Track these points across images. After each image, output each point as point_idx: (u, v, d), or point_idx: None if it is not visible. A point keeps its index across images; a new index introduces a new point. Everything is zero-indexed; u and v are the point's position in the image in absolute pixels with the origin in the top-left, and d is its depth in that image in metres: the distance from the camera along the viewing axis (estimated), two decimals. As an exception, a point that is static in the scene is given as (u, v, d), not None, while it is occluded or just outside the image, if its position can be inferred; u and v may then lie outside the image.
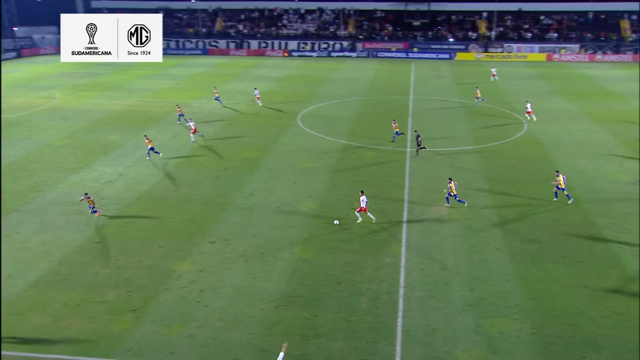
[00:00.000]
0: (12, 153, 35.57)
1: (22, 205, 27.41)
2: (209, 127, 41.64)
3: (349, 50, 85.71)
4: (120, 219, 25.90)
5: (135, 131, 40.37)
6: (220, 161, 34.07)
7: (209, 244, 23.44)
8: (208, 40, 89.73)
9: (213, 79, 63.95)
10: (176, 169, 32.80)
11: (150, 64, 76.37)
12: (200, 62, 79.64)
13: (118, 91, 56.85)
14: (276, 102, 51.08)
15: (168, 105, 49.46)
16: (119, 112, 47.38)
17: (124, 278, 20.75)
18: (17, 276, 20.90)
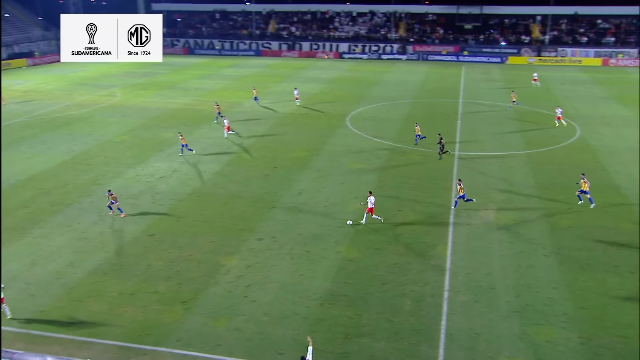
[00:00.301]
0: (76, 147, 36.99)
1: (83, 198, 28.48)
2: (259, 127, 42.15)
3: (400, 53, 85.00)
4: (173, 213, 26.55)
5: (189, 129, 41.29)
6: (269, 160, 34.43)
7: (256, 240, 23.74)
8: (261, 42, 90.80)
9: (265, 79, 64.69)
10: (227, 166, 33.35)
11: (205, 65, 78.10)
12: (253, 63, 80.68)
13: (174, 90, 58.26)
14: (326, 103, 51.20)
15: (221, 105, 50.29)
16: (174, 110, 48.55)
17: (175, 270, 21.26)
18: (77, 264, 21.74)
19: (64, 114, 46.76)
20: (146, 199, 28.26)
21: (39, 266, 21.60)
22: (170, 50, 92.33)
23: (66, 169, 32.89)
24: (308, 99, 53.29)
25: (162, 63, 79.49)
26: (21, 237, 24.11)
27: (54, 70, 73.10)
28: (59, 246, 23.24)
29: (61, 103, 51.52)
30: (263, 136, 39.77)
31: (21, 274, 20.97)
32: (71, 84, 62.36)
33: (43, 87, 60.88)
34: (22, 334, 17.42)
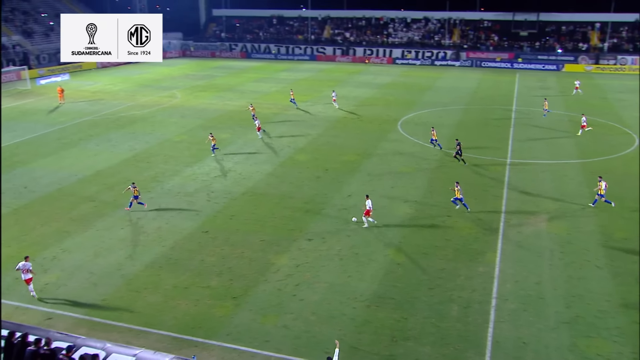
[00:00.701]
0: (138, 146, 38.25)
1: (143, 194, 29.35)
2: (312, 130, 42.38)
3: (453, 60, 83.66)
4: (227, 212, 27.04)
5: (245, 130, 41.96)
6: (321, 162, 34.57)
7: (306, 240, 23.86)
8: (316, 47, 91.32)
9: (318, 83, 65.00)
10: (280, 167, 33.69)
11: (261, 68, 79.21)
12: (308, 67, 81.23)
13: (231, 92, 59.36)
14: (378, 107, 50.98)
15: (275, 107, 50.95)
16: (230, 112, 49.46)
17: (227, 267, 21.64)
18: (135, 257, 22.46)
19: (128, 114, 48.45)
20: (201, 197, 28.89)
21: (101, 257, 22.44)
22: (228, 54, 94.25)
23: (128, 166, 34.05)
24: (360, 103, 53.22)
25: (220, 66, 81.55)
26: (86, 229, 25.13)
27: (120, 72, 75.83)
28: (120, 239, 24.09)
29: (126, 103, 53.41)
30: (315, 139, 39.97)
31: (85, 264, 21.85)
32: (135, 86, 64.54)
33: (110, 88, 63.29)
34: (84, 320, 18.14)
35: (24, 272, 19.64)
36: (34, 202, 28.33)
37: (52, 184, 30.77)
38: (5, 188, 30.18)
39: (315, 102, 53.64)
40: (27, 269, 19.60)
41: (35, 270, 21.04)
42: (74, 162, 34.69)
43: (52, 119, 46.78)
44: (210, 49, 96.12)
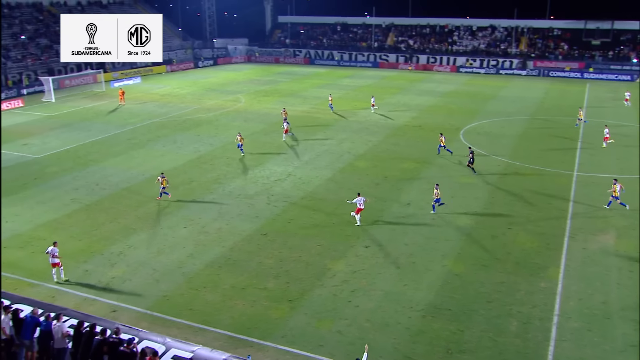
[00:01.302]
0: (202, 148, 39.36)
1: (205, 195, 30.22)
2: (372, 137, 42.23)
3: (519, 69, 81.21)
4: (285, 216, 27.34)
5: (306, 135, 42.34)
6: (380, 169, 34.38)
7: (363, 247, 23.78)
8: (379, 54, 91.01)
9: (381, 90, 64.74)
10: (339, 173, 33.76)
11: (324, 75, 79.78)
12: (370, 74, 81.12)
13: (293, 98, 60.09)
14: (440, 116, 50.19)
15: (337, 113, 51.11)
16: (292, 117, 49.90)
17: (284, 270, 21.87)
18: (196, 256, 23.09)
19: (194, 117, 49.98)
20: (261, 200, 29.36)
21: (164, 255, 23.22)
22: (292, 60, 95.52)
23: (192, 167, 35.09)
24: (422, 111, 52.61)
25: (284, 72, 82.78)
26: (151, 226, 26.08)
27: (188, 77, 78.39)
28: (182, 238, 24.83)
29: (192, 106, 55.13)
30: (376, 146, 39.81)
31: (149, 261, 22.66)
32: (202, 89, 66.52)
33: (178, 91, 65.52)
34: (146, 314, 18.80)
35: (52, 257, 20.85)
36: (104, 199, 29.68)
37: (121, 182, 32.15)
38: (79, 185, 31.80)
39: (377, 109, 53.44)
40: (54, 254, 20.83)
41: (103, 264, 22.08)
42: (141, 162, 36.11)
43: (123, 120, 48.92)
44: (274, 54, 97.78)
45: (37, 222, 26.59)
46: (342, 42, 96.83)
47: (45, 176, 33.50)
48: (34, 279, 21.07)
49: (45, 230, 25.64)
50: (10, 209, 28.09)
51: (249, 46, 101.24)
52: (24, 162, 36.47)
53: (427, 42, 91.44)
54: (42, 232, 25.42)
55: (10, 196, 29.97)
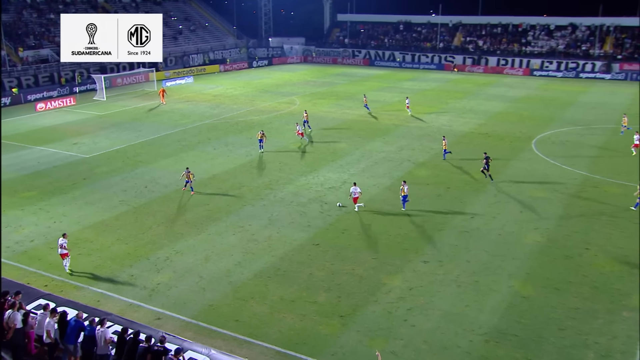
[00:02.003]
0: (254, 152, 40.01)
1: (256, 201, 30.68)
2: (434, 144, 41.71)
3: (603, 72, 78.22)
4: (339, 225, 27.37)
5: (363, 141, 42.32)
6: (443, 179, 33.89)
7: (421, 262, 23.48)
8: (444, 55, 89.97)
9: (445, 95, 63.96)
10: (398, 182, 33.42)
11: (384, 77, 79.58)
12: (434, 77, 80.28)
13: (351, 101, 60.22)
14: (510, 123, 49.02)
15: (397, 118, 50.87)
16: (349, 121, 50.16)
17: (336, 283, 21.87)
18: (244, 265, 23.45)
19: (246, 119, 50.91)
20: (314, 208, 29.52)
21: (211, 262, 23.70)
22: (350, 61, 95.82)
23: (243, 171, 35.72)
24: (490, 118, 51.56)
25: (342, 73, 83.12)
26: (199, 232, 26.70)
27: (241, 77, 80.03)
28: (231, 245, 25.29)
29: (244, 108, 56.20)
30: (438, 154, 39.30)
31: (196, 267, 23.20)
32: (255, 90, 67.72)
33: (231, 92, 66.99)
34: (191, 324, 19.22)
35: (60, 248, 22.54)
36: (152, 201, 30.65)
37: (170, 185, 33.11)
38: (127, 186, 32.99)
39: (439, 114, 52.82)
40: (62, 245, 22.50)
41: (149, 269, 22.79)
42: (191, 164, 36.97)
43: (174, 120, 50.44)
44: (332, 55, 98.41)
45: (85, 223, 27.76)
46: (404, 43, 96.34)
47: (94, 176, 34.96)
48: (80, 282, 21.97)
49: (92, 232, 26.73)
50: (58, 209, 29.47)
51: (306, 46, 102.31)
52: (73, 161, 38.19)
53: (498, 43, 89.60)
54: (89, 233, 26.50)
55: (59, 196, 31.43)
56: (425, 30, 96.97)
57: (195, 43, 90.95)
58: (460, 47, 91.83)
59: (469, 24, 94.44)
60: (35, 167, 36.74)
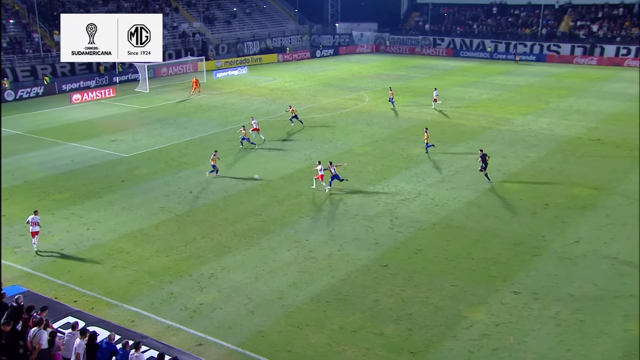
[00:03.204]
0: (314, 155, 40.29)
1: (315, 212, 30.88)
2: (531, 151, 40.77)
3: None
4: (412, 244, 27.15)
5: (443, 146, 41.89)
6: (539, 194, 33.05)
7: (511, 293, 22.94)
8: (547, 44, 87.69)
9: (545, 92, 62.41)
10: (484, 196, 32.94)
11: (472, 70, 78.61)
12: (533, 70, 78.53)
13: (430, 98, 59.60)
14: (628, 127, 47.26)
15: (485, 120, 50.08)
16: (428, 122, 49.67)
17: (406, 312, 21.67)
18: (300, 286, 23.62)
19: (307, 117, 51.37)
20: (383, 223, 29.43)
21: (262, 281, 24.01)
22: (431, 51, 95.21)
23: (301, 178, 36.05)
24: (603, 120, 49.95)
25: (420, 65, 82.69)
26: (249, 246, 27.13)
27: (303, 68, 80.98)
28: (285, 263, 25.54)
29: (305, 104, 56.78)
30: (535, 163, 38.38)
31: (244, 287, 23.55)
32: (318, 84, 68.33)
33: (290, 85, 67.89)
34: (237, 352, 19.50)
35: (32, 225, 26.03)
36: (197, 209, 31.40)
37: (217, 191, 33.84)
38: (170, 191, 33.96)
39: (538, 115, 51.59)
40: (35, 222, 26.05)
41: (191, 287, 23.32)
42: (243, 169, 37.76)
43: (224, 117, 51.59)
44: (409, 43, 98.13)
45: (121, 231, 28.74)
46: (497, 29, 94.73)
47: (133, 179, 36.19)
48: (114, 299, 22.71)
49: (129, 241, 27.64)
50: (92, 215, 30.66)
51: (379, 32, 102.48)
52: (111, 161, 39.70)
53: (618, 28, 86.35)
54: (126, 243, 27.42)
55: (94, 200, 32.72)
56: (525, 13, 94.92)
57: (251, 28, 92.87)
58: (568, 33, 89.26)
59: (580, 4, 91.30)
60: (68, 166, 38.43)
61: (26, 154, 41.34)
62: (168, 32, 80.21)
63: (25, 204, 31.51)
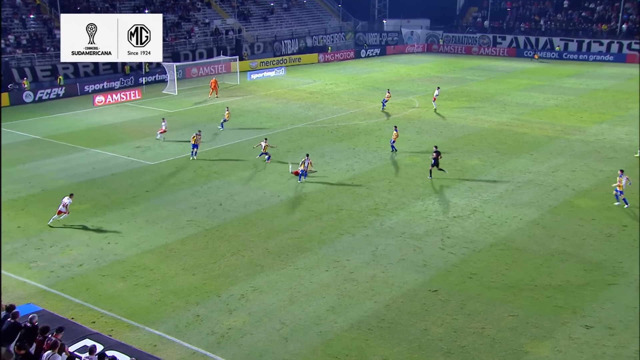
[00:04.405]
0: (357, 166, 40.33)
1: (357, 229, 30.83)
2: (606, 165, 40.06)
3: None
4: (465, 268, 26.87)
5: (502, 157, 41.50)
6: (615, 214, 32.44)
7: (582, 327, 22.49)
8: (628, 42, 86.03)
9: (624, 97, 61.30)
10: (550, 214, 32.46)
11: (537, 72, 77.87)
12: (610, 72, 77.33)
13: (488, 103, 59.29)
14: None
15: (553, 129, 49.45)
16: (485, 130, 49.32)
17: (459, 345, 21.42)
18: (339, 311, 23.56)
19: (349, 124, 51.47)
20: (433, 243, 29.22)
21: (297, 305, 24.03)
22: (491, 51, 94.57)
23: (342, 190, 36.06)
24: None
25: (479, 68, 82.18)
26: (283, 265, 27.21)
27: (346, 69, 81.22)
28: (323, 284, 25.53)
29: (348, 110, 56.90)
30: (610, 178, 37.65)
31: (277, 310, 23.61)
32: (362, 87, 68.42)
33: (331, 88, 68.13)
34: (267, 383, 19.55)
35: (63, 206, 30.16)
36: (227, 223, 31.65)
37: (250, 204, 34.07)
38: (198, 203, 34.31)
39: (615, 124, 50.70)
40: (65, 204, 30.40)
41: (219, 309, 23.47)
42: (278, 179, 37.94)
43: (259, 123, 52.03)
44: (465, 42, 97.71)
45: (145, 246, 29.12)
46: (568, 25, 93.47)
47: (159, 189, 36.70)
48: (135, 320, 22.96)
49: (153, 257, 27.98)
50: (114, 227, 31.16)
51: (431, 30, 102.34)
52: (135, 169, 40.34)
53: None
54: (149, 259, 27.77)
55: (116, 211, 33.25)
56: (601, 7, 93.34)
57: (290, 25, 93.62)
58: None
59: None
60: (89, 175, 39.16)
61: (45, 160, 42.29)
62: (199, 29, 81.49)
63: (42, 214, 32.17)
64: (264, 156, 40.63)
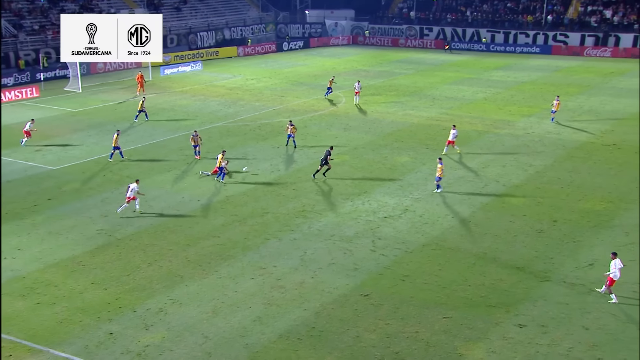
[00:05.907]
0: (282, 166, 40.29)
1: (284, 233, 30.78)
2: (536, 159, 41.18)
3: None
4: (398, 270, 27.17)
5: (432, 153, 42.15)
6: (546, 209, 33.39)
7: (515, 326, 23.06)
8: (552, 34, 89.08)
9: (551, 90, 63.18)
10: (481, 211, 33.16)
11: (465, 65, 79.51)
12: (536, 64, 79.61)
13: (417, 98, 60.17)
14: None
15: (482, 123, 50.54)
16: (414, 125, 50.02)
17: (392, 351, 21.64)
18: (266, 321, 23.47)
19: (273, 121, 51.38)
20: (364, 245, 29.44)
21: (221, 316, 23.81)
22: (418, 43, 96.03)
23: (267, 192, 35.95)
24: (620, 122, 50.89)
25: (405, 60, 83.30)
26: (205, 274, 26.91)
27: (268, 63, 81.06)
28: (248, 293, 25.37)
29: (271, 107, 56.81)
30: (540, 173, 38.78)
31: (199, 324, 23.32)
32: (286, 82, 68.43)
33: (252, 84, 67.86)
34: (190, 401, 19.31)
35: (129, 192, 32.12)
36: (142, 232, 31.08)
37: (167, 209, 33.57)
38: (109, 210, 33.53)
39: (543, 117, 52.19)
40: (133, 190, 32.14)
41: (134, 325, 23.03)
42: (196, 182, 37.50)
43: (174, 122, 51.29)
44: (392, 34, 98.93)
45: (48, 260, 28.23)
46: (495, 16, 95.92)
47: (63, 196, 35.71)
48: (37, 343, 22.18)
49: (58, 272, 27.16)
50: (12, 241, 30.07)
51: (356, 22, 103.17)
52: (35, 174, 39.13)
53: (636, 14, 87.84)
54: (53, 274, 26.92)
55: (13, 222, 32.10)
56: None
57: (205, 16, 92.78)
58: (577, 21, 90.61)
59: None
60: (-16, 182, 37.76)
61: None
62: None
63: None
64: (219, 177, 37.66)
